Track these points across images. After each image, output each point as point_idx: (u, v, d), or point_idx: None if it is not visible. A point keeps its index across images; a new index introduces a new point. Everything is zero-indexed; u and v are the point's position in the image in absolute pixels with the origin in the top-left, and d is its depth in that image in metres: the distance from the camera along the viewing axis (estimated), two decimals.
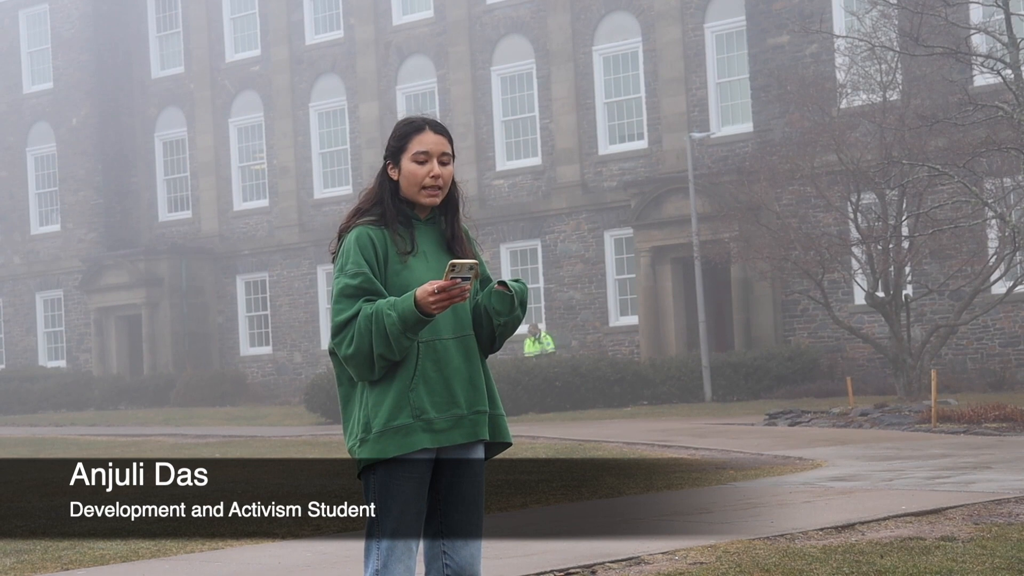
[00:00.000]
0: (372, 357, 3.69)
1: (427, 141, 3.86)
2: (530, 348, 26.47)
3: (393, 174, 3.89)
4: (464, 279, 3.61)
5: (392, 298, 3.70)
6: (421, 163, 3.85)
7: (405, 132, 3.88)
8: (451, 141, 3.91)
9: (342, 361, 3.74)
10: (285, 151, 34.48)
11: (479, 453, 3.88)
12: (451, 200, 3.93)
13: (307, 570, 7.16)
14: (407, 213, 3.87)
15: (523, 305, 3.89)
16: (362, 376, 3.73)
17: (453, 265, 3.60)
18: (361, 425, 3.77)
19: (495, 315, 3.84)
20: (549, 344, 26.64)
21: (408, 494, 3.73)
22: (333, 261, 3.90)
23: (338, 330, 3.72)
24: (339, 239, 3.88)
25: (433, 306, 3.62)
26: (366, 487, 3.79)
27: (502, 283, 3.84)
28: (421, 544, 3.86)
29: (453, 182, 3.92)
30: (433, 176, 3.85)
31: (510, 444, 3.98)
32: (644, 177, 28.33)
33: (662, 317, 27.47)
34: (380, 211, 3.85)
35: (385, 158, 3.92)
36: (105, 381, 34.36)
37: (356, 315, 3.69)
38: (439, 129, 3.88)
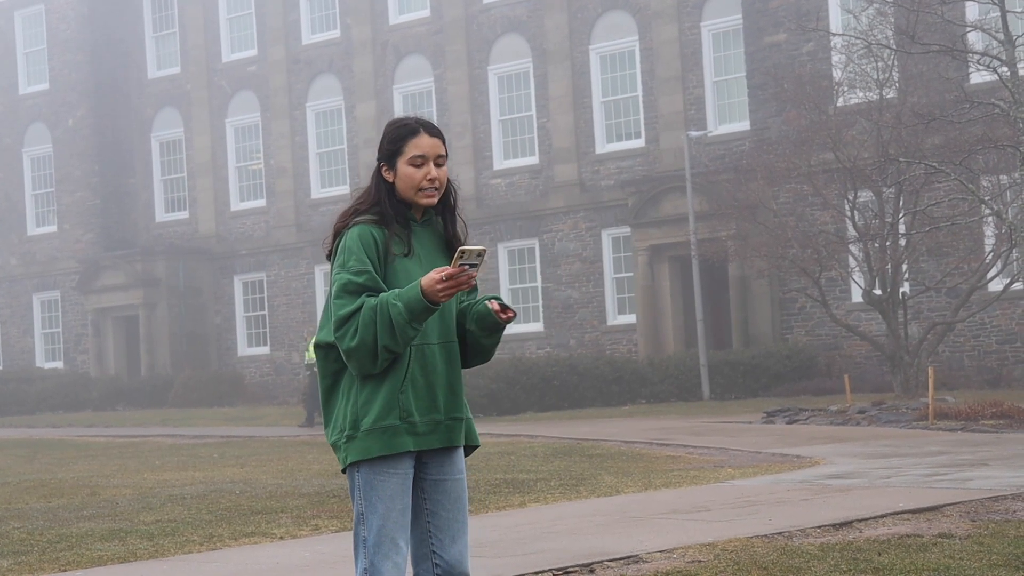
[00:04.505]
0: (376, 349, 3.69)
1: (423, 144, 3.85)
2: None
3: (388, 176, 3.89)
4: (472, 266, 3.61)
5: (396, 289, 3.71)
6: (418, 166, 3.85)
7: (400, 135, 3.88)
8: (444, 141, 3.91)
9: (344, 354, 3.74)
10: (282, 151, 34.47)
11: (459, 452, 3.93)
12: (447, 200, 3.93)
13: (305, 570, 7.16)
14: (404, 214, 3.87)
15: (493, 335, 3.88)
16: (363, 370, 3.74)
17: (462, 251, 3.60)
18: (349, 421, 3.78)
19: (474, 326, 3.85)
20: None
21: (392, 490, 3.76)
22: (328, 258, 3.90)
23: (341, 323, 3.72)
24: (335, 237, 3.87)
25: (440, 294, 3.63)
26: (352, 484, 3.82)
27: (501, 306, 3.81)
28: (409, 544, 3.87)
29: (448, 182, 3.92)
30: (430, 179, 3.86)
31: (478, 446, 4.00)
32: (641, 176, 28.34)
33: (660, 316, 27.49)
34: (379, 211, 3.85)
35: (379, 160, 3.91)
36: (102, 382, 34.33)
37: (359, 308, 3.70)
38: (433, 131, 3.89)
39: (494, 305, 3.81)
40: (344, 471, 3.85)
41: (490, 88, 31.25)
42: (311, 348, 24.34)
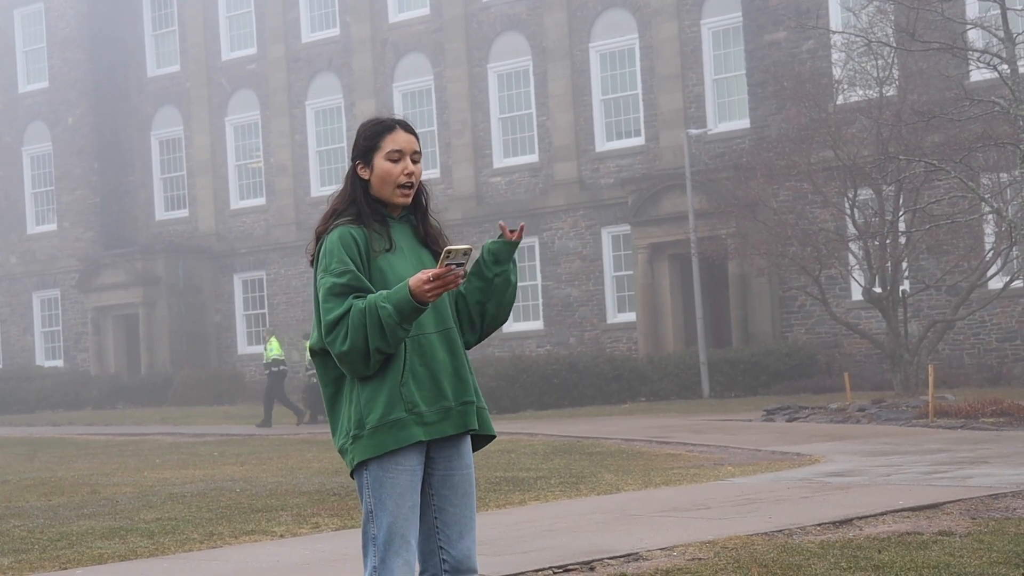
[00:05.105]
0: (368, 351, 3.70)
1: (400, 140, 3.90)
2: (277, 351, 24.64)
3: (364, 174, 3.92)
4: (458, 265, 3.62)
5: (383, 291, 3.72)
6: (395, 161, 3.89)
7: (377, 131, 3.93)
8: (419, 140, 3.94)
9: (336, 359, 3.75)
10: (282, 149, 34.47)
11: (467, 445, 3.91)
12: (419, 200, 3.95)
13: (306, 568, 7.16)
14: (381, 211, 3.89)
15: (509, 284, 3.88)
16: (356, 372, 3.75)
17: (448, 251, 3.62)
18: (353, 422, 3.78)
19: (488, 267, 3.83)
20: (271, 351, 24.53)
21: (402, 487, 3.75)
22: (311, 264, 3.91)
23: (331, 328, 3.73)
24: (316, 241, 3.89)
25: (428, 294, 3.65)
26: (360, 483, 3.81)
27: (505, 228, 3.82)
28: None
29: (421, 183, 3.95)
30: (407, 174, 3.89)
31: (495, 436, 3.99)
32: (641, 174, 28.34)
33: (660, 314, 27.49)
34: (356, 210, 3.89)
35: (354, 158, 3.95)
36: (102, 380, 34.34)
37: (347, 312, 3.72)
38: (409, 128, 3.95)
39: (505, 235, 3.82)
40: (353, 475, 3.83)
41: (490, 86, 31.24)
42: (269, 349, 24.85)
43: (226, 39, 35.83)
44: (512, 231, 3.82)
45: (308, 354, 24.90)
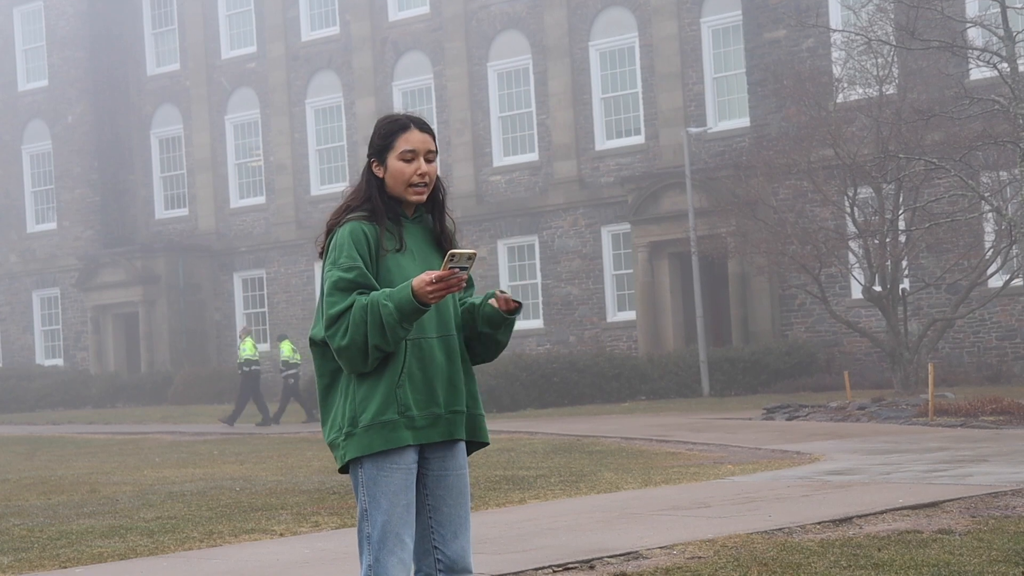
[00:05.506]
0: (366, 348, 3.71)
1: (413, 139, 3.88)
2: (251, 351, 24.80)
3: (378, 172, 3.92)
4: (462, 268, 3.63)
5: (387, 289, 3.73)
6: (408, 161, 3.88)
7: (391, 130, 3.90)
8: (435, 138, 3.92)
9: (335, 353, 3.76)
10: (282, 148, 34.46)
11: (461, 446, 3.93)
12: (436, 197, 3.94)
13: (305, 567, 7.16)
14: (395, 210, 3.88)
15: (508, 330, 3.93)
16: (354, 368, 3.75)
17: (452, 255, 3.62)
18: (347, 419, 3.78)
19: (486, 328, 3.87)
20: (245, 350, 24.73)
21: (396, 485, 3.76)
22: (320, 255, 3.91)
23: (332, 322, 3.74)
24: (327, 234, 3.88)
25: (431, 295, 3.65)
26: (355, 482, 3.82)
27: (508, 300, 3.85)
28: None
29: (438, 179, 3.94)
30: (420, 174, 3.88)
31: (487, 444, 3.99)
32: (641, 172, 28.34)
33: (660, 312, 27.49)
34: (370, 207, 3.88)
35: (369, 156, 3.94)
36: (102, 379, 34.34)
37: (350, 307, 3.72)
38: (424, 127, 3.92)
39: (500, 305, 3.84)
40: (341, 470, 3.84)
41: (490, 85, 31.24)
42: (243, 348, 24.96)
43: (226, 37, 35.82)
44: (509, 302, 3.82)
45: (282, 355, 25.38)
